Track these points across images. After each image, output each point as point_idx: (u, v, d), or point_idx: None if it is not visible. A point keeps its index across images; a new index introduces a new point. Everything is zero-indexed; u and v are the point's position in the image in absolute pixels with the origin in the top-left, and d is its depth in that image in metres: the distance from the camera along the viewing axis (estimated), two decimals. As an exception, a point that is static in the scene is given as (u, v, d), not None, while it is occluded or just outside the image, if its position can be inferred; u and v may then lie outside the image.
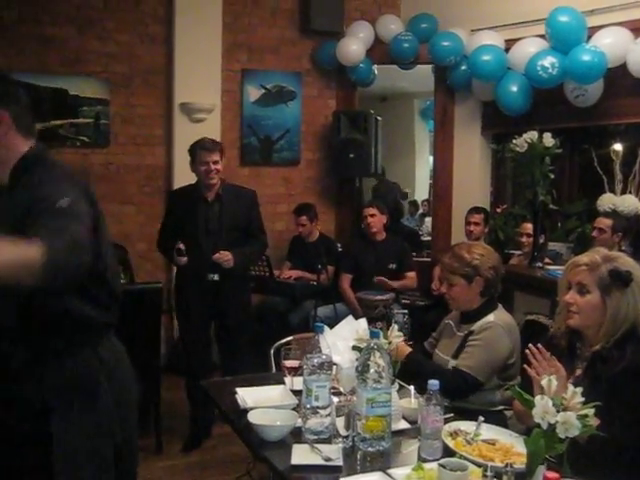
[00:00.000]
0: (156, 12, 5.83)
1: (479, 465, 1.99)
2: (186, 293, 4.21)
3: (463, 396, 2.70)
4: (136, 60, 5.82)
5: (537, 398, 1.70)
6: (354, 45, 6.21)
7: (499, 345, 2.76)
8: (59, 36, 5.52)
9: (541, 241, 5.12)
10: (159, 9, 5.83)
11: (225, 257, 4.07)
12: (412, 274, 5.57)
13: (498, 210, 6.20)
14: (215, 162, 4.10)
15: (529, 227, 5.17)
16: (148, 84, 5.88)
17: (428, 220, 9.46)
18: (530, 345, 2.22)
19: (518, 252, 5.40)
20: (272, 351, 3.41)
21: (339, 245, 6.12)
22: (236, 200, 4.23)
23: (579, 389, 1.73)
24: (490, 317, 2.82)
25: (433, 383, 2.13)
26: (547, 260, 4.93)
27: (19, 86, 2.22)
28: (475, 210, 5.64)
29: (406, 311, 3.06)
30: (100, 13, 5.65)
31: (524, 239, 5.26)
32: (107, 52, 5.70)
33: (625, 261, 2.33)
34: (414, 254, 6.26)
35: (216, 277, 4.12)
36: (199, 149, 4.13)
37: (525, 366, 2.20)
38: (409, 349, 2.77)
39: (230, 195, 4.22)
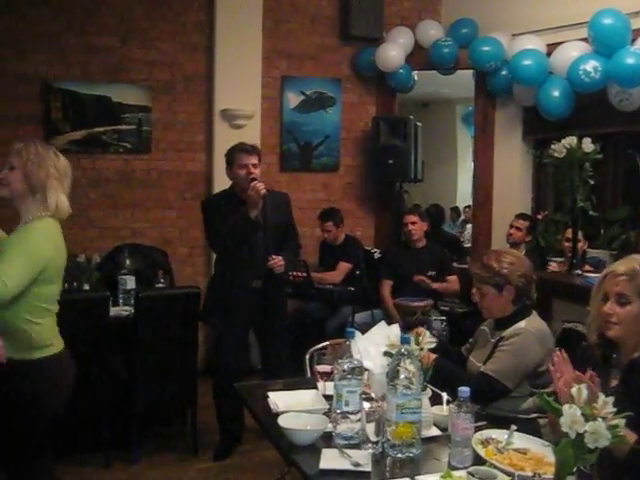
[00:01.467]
0: (197, 20, 5.93)
1: (509, 474, 1.96)
2: (227, 299, 4.16)
3: (489, 401, 2.67)
4: (177, 67, 5.92)
5: (565, 407, 1.67)
6: (394, 51, 6.20)
7: (528, 352, 2.72)
8: (103, 45, 5.66)
9: (584, 248, 5.03)
10: (200, 17, 5.92)
11: (279, 262, 4.06)
12: (453, 277, 5.51)
13: (539, 217, 6.11)
14: (254, 165, 4.06)
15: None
16: (189, 91, 5.97)
17: (470, 226, 9.38)
18: (556, 350, 2.20)
19: (559, 259, 5.31)
20: (307, 356, 3.43)
21: (378, 251, 6.10)
22: (275, 204, 4.19)
23: (610, 398, 1.69)
24: (522, 324, 2.79)
25: (464, 390, 2.11)
26: (588, 267, 4.84)
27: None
28: (521, 216, 5.61)
29: (444, 318, 3.05)
30: (143, 22, 5.78)
31: (567, 245, 5.18)
32: (149, 60, 5.82)
33: None
34: (455, 260, 6.21)
35: (259, 284, 4.11)
36: (238, 152, 4.09)
37: (550, 366, 2.17)
38: (434, 356, 2.75)
39: (269, 199, 4.16)
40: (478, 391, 2.54)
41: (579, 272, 4.60)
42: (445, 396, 2.53)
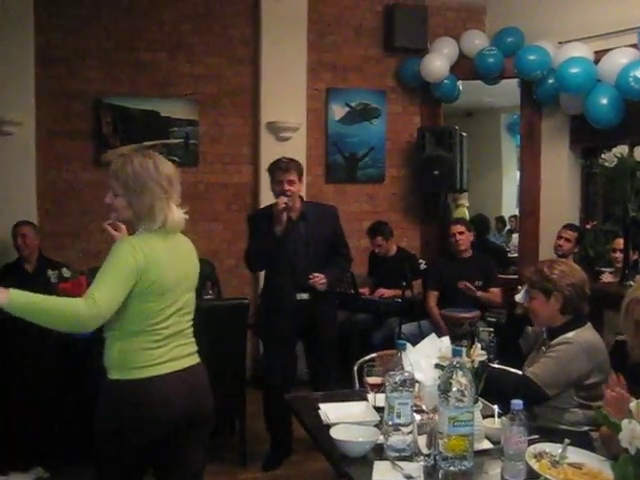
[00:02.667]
0: (243, 34, 6.01)
1: (564, 489, 1.94)
2: (275, 312, 4.20)
3: (527, 404, 2.63)
4: (224, 81, 6.01)
5: (624, 422, 1.65)
6: (438, 61, 6.20)
7: (572, 362, 2.69)
8: (151, 61, 5.79)
9: (634, 258, 4.94)
10: (246, 31, 6.01)
11: (320, 280, 4.08)
12: (496, 290, 5.48)
13: (588, 226, 6.02)
14: (290, 182, 4.04)
15: (621, 242, 5.02)
16: (235, 104, 6.05)
17: (515, 236, 9.28)
18: (612, 372, 2.16)
19: (609, 269, 5.23)
20: (355, 368, 3.43)
21: (424, 262, 6.08)
22: (320, 217, 4.23)
23: (668, 413, 1.67)
24: (570, 334, 2.77)
25: (517, 403, 2.10)
26: (639, 277, 4.76)
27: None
28: (569, 227, 5.53)
29: (492, 329, 3.03)
30: (189, 37, 5.88)
31: (617, 255, 5.11)
32: (196, 74, 5.92)
33: None
34: (500, 271, 6.15)
35: (306, 296, 4.14)
36: (275, 169, 4.12)
37: (604, 387, 2.14)
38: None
39: (313, 213, 4.22)
40: (515, 391, 2.52)
41: (631, 283, 4.52)
42: (496, 409, 2.51)
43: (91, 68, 5.64)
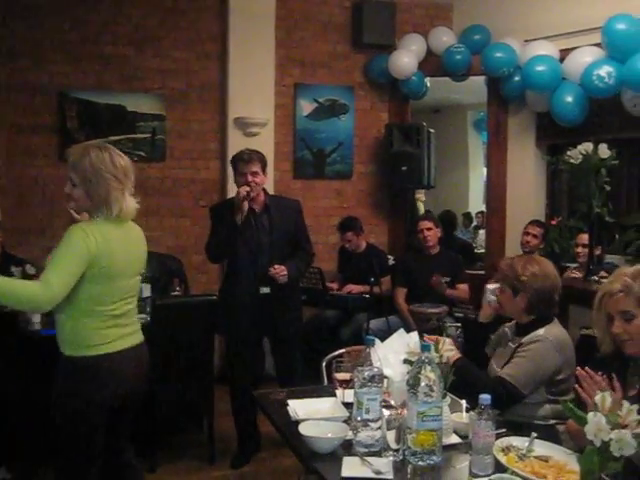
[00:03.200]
0: (211, 29, 5.97)
1: (531, 482, 1.96)
2: (235, 306, 4.15)
3: (504, 406, 2.66)
4: (191, 76, 5.96)
5: (590, 415, 1.67)
6: (406, 58, 6.22)
7: (545, 359, 2.72)
8: (118, 55, 5.72)
9: (597, 253, 5.01)
10: (214, 26, 5.97)
11: (281, 271, 4.03)
12: (464, 286, 5.53)
13: (553, 222, 6.10)
14: (253, 173, 4.00)
15: (585, 238, 5.09)
16: (203, 99, 6.01)
17: (482, 233, 9.37)
18: (578, 368, 2.19)
19: (574, 265, 5.30)
20: (324, 364, 3.43)
21: (392, 258, 6.10)
22: (283, 210, 4.19)
23: (635, 406, 1.69)
24: (540, 331, 2.79)
25: (485, 397, 2.11)
26: (603, 273, 4.82)
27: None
28: (535, 223, 5.59)
29: (459, 324, 3.05)
30: (157, 32, 5.83)
31: (579, 250, 5.18)
32: (163, 69, 5.86)
33: None
34: (468, 267, 6.20)
35: (267, 290, 4.09)
36: (237, 161, 4.08)
37: (577, 387, 2.16)
38: (458, 355, 2.76)
39: (277, 206, 4.18)
40: (493, 395, 2.54)
41: (596, 278, 4.59)
42: (464, 403, 2.53)
43: (56, 61, 5.55)
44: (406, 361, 2.47)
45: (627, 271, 2.32)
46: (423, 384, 2.12)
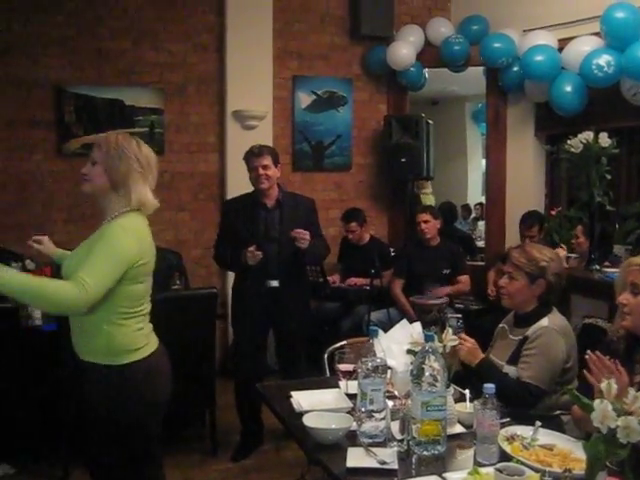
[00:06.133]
0: (208, 22, 5.94)
1: (536, 470, 1.96)
2: (244, 299, 4.18)
3: (530, 407, 2.65)
4: (189, 69, 5.93)
5: (596, 402, 1.67)
6: (404, 49, 6.20)
7: (555, 350, 2.72)
8: (115, 49, 5.68)
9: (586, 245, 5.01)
10: (211, 19, 5.93)
11: (303, 234, 3.96)
12: (465, 278, 5.52)
13: (552, 212, 6.09)
14: (265, 167, 4.03)
15: (580, 229, 5.11)
16: (201, 92, 5.98)
17: (481, 224, 9.37)
18: (589, 352, 2.18)
19: (574, 255, 5.30)
20: (326, 355, 3.43)
21: (392, 250, 6.10)
22: (296, 207, 4.18)
23: (640, 393, 1.69)
24: (544, 321, 2.78)
25: (489, 387, 2.11)
26: (605, 262, 4.83)
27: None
28: (529, 219, 5.54)
29: (460, 315, 3.04)
30: (153, 25, 5.79)
31: (576, 241, 5.18)
32: (161, 62, 5.83)
33: None
34: (468, 258, 6.20)
35: (275, 283, 4.10)
36: (249, 156, 4.11)
37: (585, 372, 2.16)
38: (482, 355, 2.75)
39: (290, 203, 4.18)
40: (519, 398, 2.55)
41: (597, 267, 4.59)
42: (468, 393, 2.53)
43: (53, 56, 5.51)
44: (409, 351, 2.47)
45: None
46: (427, 374, 2.13)
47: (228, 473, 4.04)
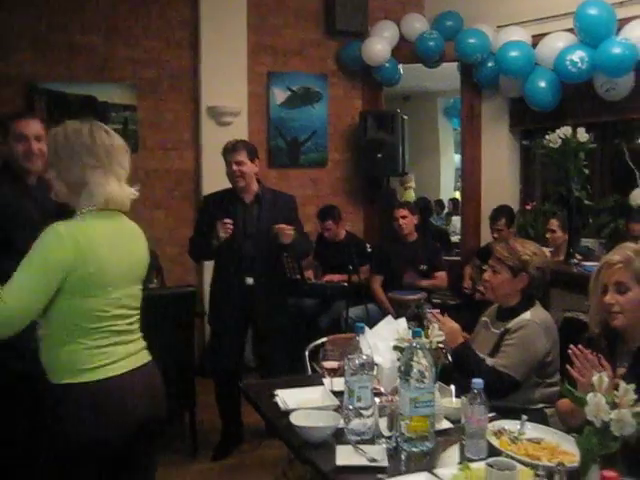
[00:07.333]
0: (182, 17, 5.87)
1: (526, 464, 1.96)
2: (221, 297, 4.15)
3: (501, 395, 2.67)
4: (163, 65, 5.86)
5: (590, 396, 1.68)
6: (379, 45, 6.20)
7: (535, 344, 2.73)
8: (87, 44, 5.58)
9: (565, 238, 5.06)
10: (185, 14, 5.87)
11: (287, 229, 3.91)
12: (442, 274, 5.52)
13: (527, 207, 6.14)
14: (239, 162, 3.98)
15: (555, 223, 5.15)
16: (175, 89, 5.92)
17: (455, 219, 9.42)
18: (572, 346, 2.19)
19: (550, 249, 5.35)
20: (307, 353, 3.41)
21: (368, 245, 6.10)
22: (275, 203, 4.14)
23: (631, 386, 1.70)
24: (526, 315, 2.80)
25: (477, 382, 2.11)
26: (578, 256, 4.88)
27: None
28: (498, 217, 5.56)
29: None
30: (127, 20, 5.71)
31: (552, 235, 5.22)
32: (134, 58, 5.75)
33: None
34: (444, 253, 6.22)
35: (251, 281, 4.05)
36: (225, 152, 4.06)
37: (568, 367, 2.17)
38: (462, 339, 2.76)
39: (269, 199, 4.13)
40: (490, 385, 2.54)
41: (575, 261, 4.63)
42: (453, 389, 2.53)
43: (23, 51, 5.40)
44: (396, 348, 2.46)
45: (631, 245, 2.36)
46: (415, 370, 2.12)
47: (209, 473, 4.01)
